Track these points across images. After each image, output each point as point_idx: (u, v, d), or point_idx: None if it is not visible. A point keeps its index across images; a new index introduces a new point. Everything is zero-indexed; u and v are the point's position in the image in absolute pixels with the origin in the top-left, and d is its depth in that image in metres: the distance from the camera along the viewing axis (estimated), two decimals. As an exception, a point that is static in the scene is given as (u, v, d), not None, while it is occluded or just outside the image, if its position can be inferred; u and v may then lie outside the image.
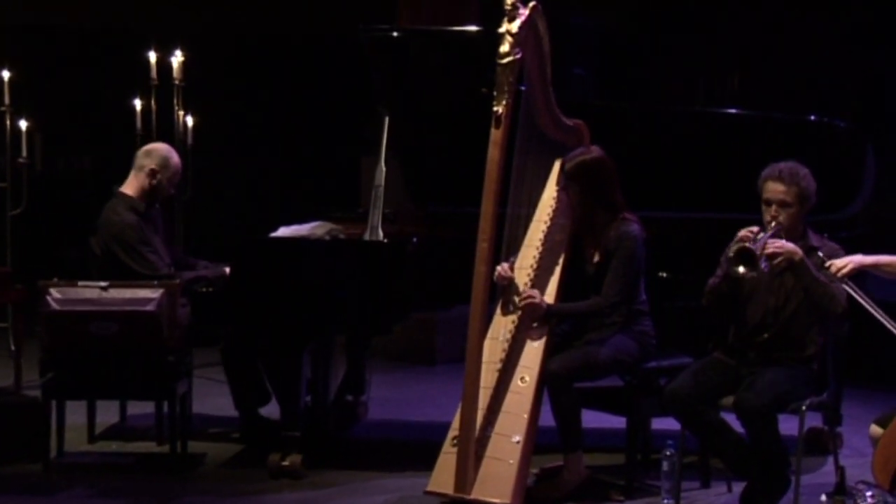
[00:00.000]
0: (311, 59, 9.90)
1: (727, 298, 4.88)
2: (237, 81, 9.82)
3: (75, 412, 5.71)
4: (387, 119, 5.62)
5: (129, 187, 5.65)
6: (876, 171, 5.96)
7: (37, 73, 8.62)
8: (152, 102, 6.74)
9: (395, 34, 5.71)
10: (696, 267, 5.25)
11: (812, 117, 5.94)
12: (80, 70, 9.62)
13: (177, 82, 6.68)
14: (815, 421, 5.51)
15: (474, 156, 4.85)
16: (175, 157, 5.73)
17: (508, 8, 4.67)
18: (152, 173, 5.62)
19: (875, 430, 4.68)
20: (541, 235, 5.18)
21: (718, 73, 8.86)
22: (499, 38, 4.67)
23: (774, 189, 4.79)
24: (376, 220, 5.46)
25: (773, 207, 4.79)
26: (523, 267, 5.11)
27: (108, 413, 6.05)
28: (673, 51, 8.98)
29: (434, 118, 5.70)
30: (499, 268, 4.96)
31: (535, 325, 5.00)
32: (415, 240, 5.37)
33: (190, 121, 6.79)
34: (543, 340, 4.99)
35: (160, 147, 5.76)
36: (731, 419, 4.84)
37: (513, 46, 4.66)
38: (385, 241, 5.41)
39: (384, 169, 5.54)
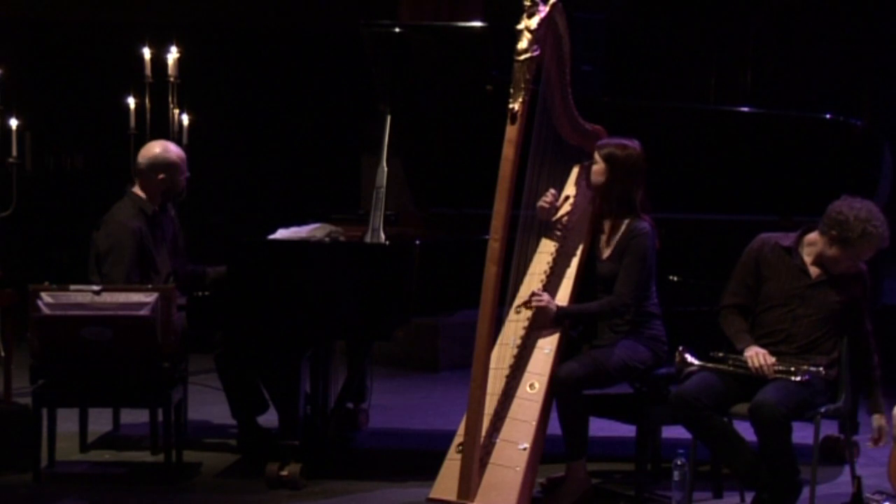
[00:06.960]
0: (311, 55, 9.85)
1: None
2: (234, 78, 9.77)
3: (67, 420, 5.66)
4: (388, 118, 5.57)
5: (140, 188, 5.62)
6: (893, 171, 5.87)
7: (27, 69, 8.56)
8: (146, 100, 6.68)
9: (396, 30, 5.65)
10: (708, 270, 5.20)
11: (827, 115, 5.87)
12: (72, 66, 9.56)
13: (172, 79, 6.61)
14: (830, 429, 5.45)
15: (479, 156, 4.86)
16: (172, 153, 5.67)
17: (528, 4, 4.66)
18: (163, 182, 5.60)
19: None
20: (555, 240, 5.14)
21: (730, 69, 8.79)
22: (517, 35, 4.65)
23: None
24: (378, 221, 5.40)
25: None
26: (536, 273, 5.08)
27: (100, 421, 6.03)
28: (683, 46, 8.91)
29: (437, 117, 5.67)
30: (542, 201, 4.95)
31: (546, 329, 4.94)
32: (418, 242, 5.32)
33: (185, 119, 6.73)
34: (554, 347, 4.94)
35: (157, 151, 5.68)
36: (742, 427, 4.80)
37: (531, 43, 4.64)
38: (387, 243, 5.35)
39: (386, 169, 5.49)
